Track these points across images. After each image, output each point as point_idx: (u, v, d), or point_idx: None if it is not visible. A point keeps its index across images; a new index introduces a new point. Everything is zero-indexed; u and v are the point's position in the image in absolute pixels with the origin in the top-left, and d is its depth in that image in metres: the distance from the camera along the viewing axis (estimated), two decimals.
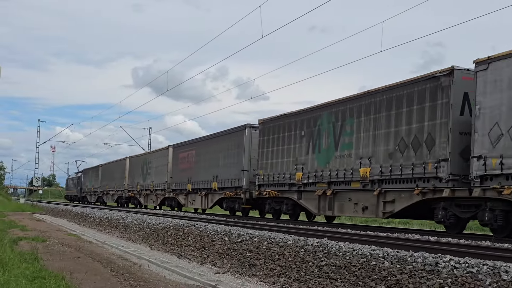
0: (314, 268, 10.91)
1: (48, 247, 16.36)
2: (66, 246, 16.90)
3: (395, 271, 9.34)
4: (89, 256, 14.48)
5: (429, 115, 16.83)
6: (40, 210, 48.83)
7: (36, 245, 15.56)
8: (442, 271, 8.74)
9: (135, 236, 21.31)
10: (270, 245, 13.36)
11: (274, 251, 12.79)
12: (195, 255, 15.23)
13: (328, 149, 21.48)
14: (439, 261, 9.12)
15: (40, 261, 11.72)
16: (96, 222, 29.63)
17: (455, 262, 8.97)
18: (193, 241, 16.86)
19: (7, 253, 11.22)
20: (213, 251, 14.94)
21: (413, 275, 8.98)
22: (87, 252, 15.46)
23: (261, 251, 13.17)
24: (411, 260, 9.55)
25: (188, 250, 16.09)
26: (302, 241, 12.86)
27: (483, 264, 8.68)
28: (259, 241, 14.04)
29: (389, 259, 9.98)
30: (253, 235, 14.88)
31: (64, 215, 39.93)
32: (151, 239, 19.63)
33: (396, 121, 18.18)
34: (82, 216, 34.80)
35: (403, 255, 9.95)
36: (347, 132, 20.51)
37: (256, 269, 12.19)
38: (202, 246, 15.84)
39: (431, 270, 8.90)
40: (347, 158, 20.29)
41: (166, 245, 17.77)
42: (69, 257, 14.03)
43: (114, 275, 11.27)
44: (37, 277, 9.14)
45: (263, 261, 12.51)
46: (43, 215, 41.61)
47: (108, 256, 14.89)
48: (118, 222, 26.14)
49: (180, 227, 19.42)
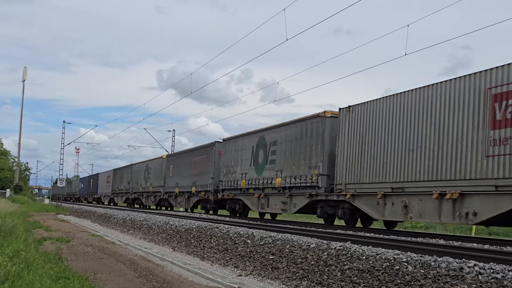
0: (337, 272, 10.86)
1: (72, 247, 16.52)
2: (90, 246, 17.04)
3: (418, 276, 9.26)
4: (113, 257, 14.58)
5: (314, 143, 23.00)
6: (64, 210, 49.29)
7: (60, 245, 15.71)
8: (466, 276, 8.65)
9: (158, 238, 21.42)
10: (292, 248, 13.34)
11: (296, 254, 12.76)
12: (217, 257, 15.25)
13: (262, 163, 27.78)
14: (463, 267, 9.03)
15: (64, 262, 11.83)
16: (119, 223, 29.84)
17: (480, 267, 8.87)
18: (216, 243, 16.89)
19: (32, 253, 11.34)
20: (235, 253, 14.95)
21: (437, 280, 8.89)
22: (110, 253, 15.57)
23: (283, 254, 13.15)
24: (435, 265, 9.47)
25: (210, 252, 16.12)
26: (325, 245, 12.82)
27: (508, 270, 8.57)
28: (281, 244, 14.02)
29: (413, 263, 9.90)
30: (275, 238, 14.86)
31: (88, 216, 40.28)
32: (174, 240, 19.71)
33: (296, 146, 24.45)
34: (105, 217, 35.07)
35: (426, 260, 9.86)
36: (272, 151, 26.82)
37: (279, 272, 12.17)
38: (224, 249, 15.86)
39: (455, 276, 8.81)
40: (272, 171, 26.51)
41: (188, 247, 17.82)
42: (92, 257, 14.16)
43: (137, 276, 11.34)
44: (61, 277, 9.23)
45: (285, 264, 12.48)
46: (67, 216, 42.05)
47: (132, 257, 14.98)
48: (141, 224, 26.30)
49: (203, 229, 19.47)
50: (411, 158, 17.65)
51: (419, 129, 17.40)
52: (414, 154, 17.53)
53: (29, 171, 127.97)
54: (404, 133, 18.05)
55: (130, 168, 56.82)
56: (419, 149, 17.32)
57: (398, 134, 18.36)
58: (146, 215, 30.85)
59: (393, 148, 18.51)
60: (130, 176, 56.23)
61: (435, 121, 16.80)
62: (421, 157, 17.21)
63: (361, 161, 20.10)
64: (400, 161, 18.10)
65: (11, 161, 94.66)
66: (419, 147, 17.30)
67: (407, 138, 17.90)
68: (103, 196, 69.63)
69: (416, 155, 17.41)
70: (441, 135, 16.50)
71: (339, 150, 21.32)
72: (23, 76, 66.43)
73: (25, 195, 70.34)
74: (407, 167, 17.79)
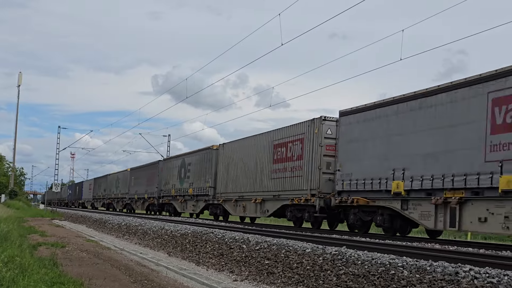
0: (332, 277, 10.85)
1: (67, 253, 16.46)
2: (85, 252, 17.00)
3: (414, 280, 9.27)
4: (108, 262, 14.55)
5: (208, 166, 34.34)
6: (59, 216, 49.13)
7: (55, 250, 15.64)
8: (462, 281, 8.66)
9: (153, 243, 21.37)
10: (288, 253, 13.33)
11: (292, 259, 12.76)
12: (213, 262, 15.22)
13: (183, 178, 39.59)
14: (459, 271, 9.04)
15: (59, 267, 11.77)
16: (114, 228, 29.78)
17: (475, 272, 8.88)
18: (211, 248, 16.87)
19: (27, 259, 11.29)
20: (231, 258, 14.93)
21: (433, 284, 8.90)
22: (105, 258, 15.53)
23: (279, 259, 13.14)
24: (431, 270, 9.48)
25: (206, 257, 16.10)
26: (320, 250, 12.82)
27: (504, 274, 8.59)
28: (277, 249, 14.02)
29: (408, 268, 9.91)
30: (271, 243, 14.85)
31: (83, 221, 40.17)
32: (169, 246, 19.67)
33: (200, 167, 36.31)
34: (101, 222, 35.00)
35: (422, 265, 9.87)
36: (188, 170, 38.36)
37: (274, 277, 12.15)
38: (220, 254, 15.84)
39: (451, 280, 8.82)
40: (188, 183, 37.91)
41: (184, 252, 17.80)
42: (88, 263, 14.12)
43: (132, 282, 11.31)
44: (56, 282, 9.19)
45: (281, 269, 12.47)
46: (62, 221, 41.88)
47: (127, 263, 14.95)
48: (137, 229, 26.25)
49: (198, 234, 19.44)
50: (246, 179, 29.48)
51: (246, 162, 29.62)
52: (247, 177, 29.45)
53: (24, 177, 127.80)
54: (243, 164, 29.99)
55: (106, 178, 66.46)
56: (247, 174, 29.44)
57: (241, 164, 30.35)
58: (141, 220, 30.81)
59: (239, 172, 30.45)
60: (106, 185, 65.77)
61: (250, 159, 29.19)
62: (248, 179, 29.25)
63: (226, 179, 31.96)
64: (242, 181, 29.92)
65: (6, 166, 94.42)
66: (247, 173, 29.41)
67: (244, 167, 29.83)
68: (86, 201, 77.92)
69: (248, 178, 29.30)
70: (254, 166, 28.64)
71: (218, 171, 33.30)
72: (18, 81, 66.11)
73: (20, 201, 70.11)
74: (244, 184, 29.66)
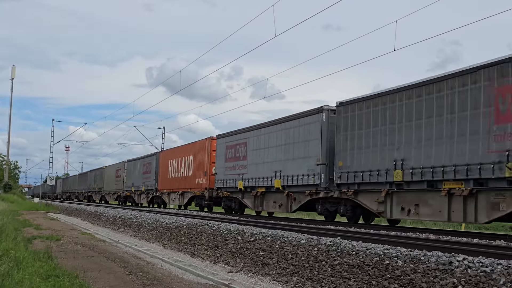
0: (327, 267, 10.89)
1: (62, 246, 16.45)
2: (80, 245, 16.98)
3: (408, 270, 9.30)
4: (103, 255, 14.54)
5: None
6: (54, 209, 49.07)
7: (50, 243, 15.64)
8: (455, 270, 8.69)
9: (148, 235, 21.38)
10: (283, 244, 13.36)
11: (287, 250, 12.79)
12: (208, 254, 15.25)
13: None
14: (452, 261, 9.07)
15: (54, 260, 11.77)
16: (109, 221, 29.76)
17: (469, 261, 8.91)
18: (206, 240, 16.89)
19: (22, 252, 11.29)
20: (226, 250, 14.96)
21: (427, 274, 8.93)
22: (100, 251, 15.52)
23: (274, 250, 13.16)
24: (425, 260, 9.51)
25: (201, 249, 16.12)
26: (315, 240, 12.84)
27: (497, 263, 8.62)
28: (272, 240, 14.04)
29: (403, 258, 9.94)
30: (266, 234, 14.88)
31: (78, 214, 40.13)
32: (165, 238, 19.69)
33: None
34: (96, 215, 34.97)
35: (416, 255, 9.91)
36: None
37: (269, 268, 12.19)
38: (215, 245, 15.86)
39: (444, 270, 8.85)
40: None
41: (179, 244, 17.81)
42: (82, 256, 14.11)
43: (127, 274, 11.31)
44: (51, 275, 9.20)
45: (276, 260, 12.50)
46: (57, 214, 41.82)
47: (122, 255, 14.95)
48: (132, 221, 26.25)
49: (193, 226, 19.45)
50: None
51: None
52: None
53: (18, 170, 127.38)
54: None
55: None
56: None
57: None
58: (136, 212, 30.80)
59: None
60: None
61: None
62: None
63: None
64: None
65: (0, 159, 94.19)
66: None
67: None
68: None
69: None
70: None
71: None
72: (12, 74, 65.77)
73: (14, 194, 70.00)
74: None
